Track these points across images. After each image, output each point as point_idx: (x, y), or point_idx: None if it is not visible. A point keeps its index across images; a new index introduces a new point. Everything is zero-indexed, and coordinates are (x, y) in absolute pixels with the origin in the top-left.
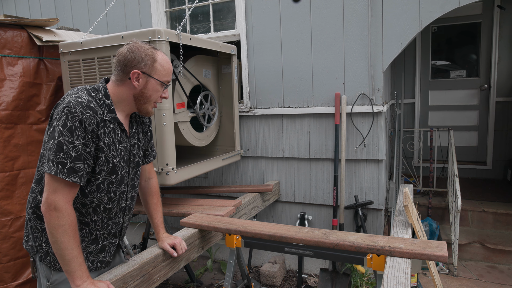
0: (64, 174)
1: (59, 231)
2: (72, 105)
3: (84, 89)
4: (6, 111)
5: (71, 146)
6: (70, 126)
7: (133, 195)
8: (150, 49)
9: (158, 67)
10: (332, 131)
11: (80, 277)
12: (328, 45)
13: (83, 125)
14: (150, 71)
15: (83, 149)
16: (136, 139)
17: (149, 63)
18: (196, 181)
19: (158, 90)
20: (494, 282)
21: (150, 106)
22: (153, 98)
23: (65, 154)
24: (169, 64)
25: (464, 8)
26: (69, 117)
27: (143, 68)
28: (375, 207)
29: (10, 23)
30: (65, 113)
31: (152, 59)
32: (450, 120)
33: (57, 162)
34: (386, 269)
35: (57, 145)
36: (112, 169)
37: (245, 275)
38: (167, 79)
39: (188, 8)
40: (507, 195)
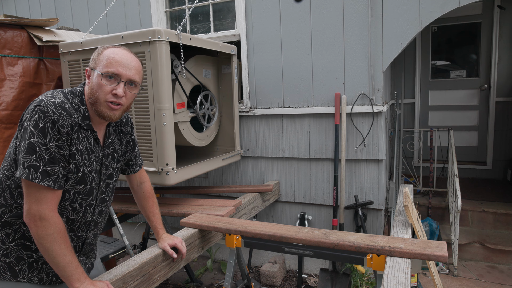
0: (37, 178)
1: (48, 240)
2: (44, 104)
3: (60, 91)
4: (6, 111)
5: (44, 148)
6: (42, 126)
7: (101, 210)
8: (105, 47)
9: (102, 58)
10: (332, 131)
11: (77, 279)
12: (328, 45)
13: (56, 126)
14: (95, 64)
15: (57, 151)
16: (112, 150)
17: (95, 57)
18: (196, 181)
19: (101, 84)
20: (494, 282)
21: (103, 107)
22: (100, 96)
23: (37, 157)
24: (117, 53)
25: (464, 8)
26: (41, 117)
27: (91, 64)
28: (375, 207)
29: (10, 23)
30: (36, 113)
31: (99, 53)
32: (450, 120)
33: (28, 166)
34: (386, 269)
35: (28, 147)
36: (81, 179)
37: (245, 275)
38: (111, 70)
39: (188, 8)
40: (507, 195)
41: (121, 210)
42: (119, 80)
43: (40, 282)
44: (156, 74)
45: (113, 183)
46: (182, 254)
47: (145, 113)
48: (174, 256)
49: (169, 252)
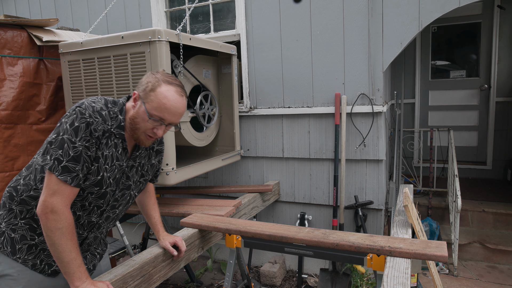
0: (57, 171)
1: (56, 234)
2: (84, 106)
3: (103, 99)
4: (6, 111)
5: (71, 146)
6: (77, 126)
7: (109, 216)
8: (160, 78)
9: (153, 97)
10: (332, 131)
11: (79, 278)
12: (328, 45)
13: (89, 128)
14: (145, 97)
15: (85, 152)
16: (137, 163)
17: (147, 89)
18: (196, 181)
19: (145, 120)
20: (494, 282)
21: (142, 135)
22: (141, 128)
23: (63, 152)
24: (169, 100)
25: (464, 8)
26: (78, 117)
27: (141, 92)
28: (375, 207)
29: (10, 23)
30: (75, 113)
31: (153, 87)
32: (450, 120)
33: (54, 158)
34: (386, 269)
35: (59, 142)
36: (99, 182)
37: (245, 275)
38: (159, 115)
39: (188, 8)
40: (507, 195)
41: None
42: (163, 123)
43: (32, 268)
44: None
45: (130, 194)
46: (181, 252)
47: None
48: (175, 254)
49: (170, 250)
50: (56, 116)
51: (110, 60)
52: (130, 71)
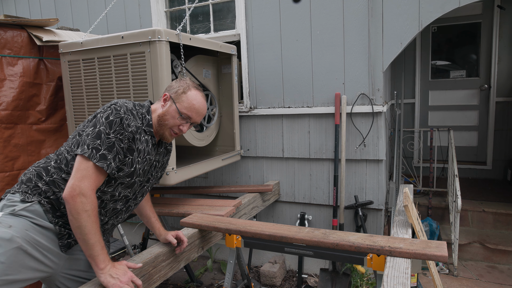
0: (95, 158)
1: (83, 216)
2: (119, 104)
3: (131, 102)
4: (6, 111)
5: (106, 137)
6: (111, 120)
7: (130, 205)
8: (189, 84)
9: (184, 98)
10: (332, 131)
11: (103, 260)
12: (328, 45)
13: (123, 122)
14: (176, 98)
15: (118, 144)
16: (159, 158)
17: (179, 92)
18: (196, 181)
19: (175, 117)
20: (494, 282)
21: (167, 131)
22: (169, 124)
23: (101, 142)
24: (197, 102)
25: (464, 8)
26: (113, 113)
27: (173, 94)
28: (375, 207)
29: (10, 23)
30: (110, 109)
31: (184, 90)
32: (450, 120)
33: (92, 147)
34: (386, 269)
35: (96, 133)
36: (131, 173)
37: (245, 275)
38: (188, 114)
39: (188, 8)
40: (507, 195)
41: None
42: (189, 121)
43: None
44: (156, 74)
45: (148, 187)
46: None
47: None
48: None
49: (174, 241)
50: (56, 116)
51: (110, 60)
52: (130, 71)
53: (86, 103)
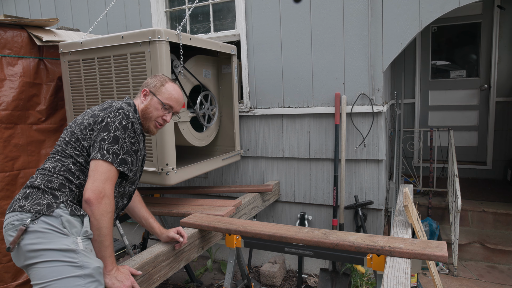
0: (117, 163)
1: (106, 217)
2: (125, 109)
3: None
4: (6, 111)
5: (123, 141)
6: (125, 125)
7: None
8: (165, 79)
9: (164, 90)
10: (332, 131)
11: (111, 262)
12: (328, 45)
13: (133, 127)
14: (156, 91)
15: (130, 147)
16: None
17: (158, 85)
18: (196, 181)
19: (158, 109)
20: (494, 282)
21: (152, 124)
22: (153, 116)
23: (119, 147)
24: (176, 92)
25: (464, 8)
26: (124, 118)
27: (152, 88)
28: (375, 207)
29: (10, 23)
30: (120, 114)
31: (161, 83)
32: (450, 120)
33: (112, 152)
34: (386, 269)
35: (113, 138)
36: (136, 171)
37: (245, 275)
38: (169, 103)
39: (188, 8)
40: (507, 195)
41: None
42: (171, 111)
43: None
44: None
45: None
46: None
47: None
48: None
49: (176, 237)
50: (56, 116)
51: (110, 60)
52: (130, 71)
53: (86, 103)
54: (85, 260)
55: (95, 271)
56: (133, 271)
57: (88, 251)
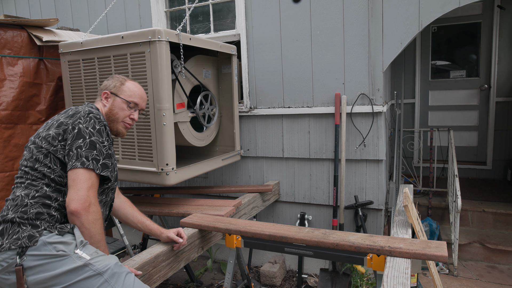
0: (98, 169)
1: (97, 225)
2: (95, 112)
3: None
4: (6, 111)
5: (102, 145)
6: (99, 128)
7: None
8: (124, 78)
9: (125, 88)
10: (332, 131)
11: None
12: (328, 45)
13: (106, 129)
14: (117, 91)
15: (109, 151)
16: None
17: (117, 85)
18: (196, 181)
19: (124, 109)
20: (494, 282)
21: (120, 125)
22: (120, 117)
23: (98, 152)
24: (137, 88)
25: (464, 8)
26: (97, 122)
27: (112, 89)
28: (375, 207)
29: (10, 23)
30: (91, 118)
31: (121, 83)
32: (450, 120)
33: (92, 159)
34: (386, 269)
35: (90, 144)
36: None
37: (245, 275)
38: (134, 100)
39: (188, 8)
40: (507, 195)
41: None
42: (137, 108)
43: None
44: (156, 74)
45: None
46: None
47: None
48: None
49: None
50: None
51: (110, 60)
52: (130, 71)
53: None
54: (100, 265)
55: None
56: (132, 271)
57: (95, 255)
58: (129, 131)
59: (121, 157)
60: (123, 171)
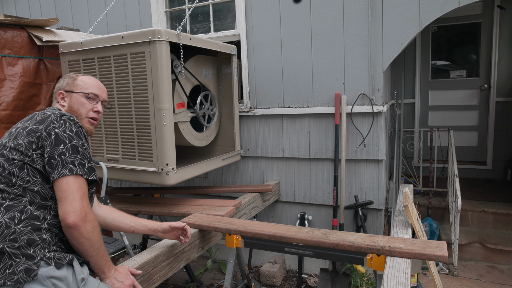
0: (86, 174)
1: (95, 232)
2: (67, 114)
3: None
4: (6, 111)
5: (83, 149)
6: (76, 130)
7: None
8: (75, 74)
9: (79, 83)
10: (332, 131)
11: (109, 267)
12: (328, 45)
13: (83, 131)
14: (71, 88)
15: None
16: None
17: (70, 83)
18: (196, 181)
19: (84, 103)
20: (494, 282)
21: (85, 122)
22: (83, 112)
23: (82, 156)
24: (92, 80)
25: (464, 8)
26: (72, 124)
27: (66, 87)
28: (375, 207)
29: (10, 23)
30: (65, 121)
31: (73, 79)
32: (450, 120)
33: (78, 164)
34: (386, 269)
35: (72, 148)
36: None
37: (245, 275)
38: (92, 91)
39: (188, 8)
40: (507, 195)
41: (121, 210)
42: (98, 100)
43: None
44: (156, 74)
45: None
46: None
47: (145, 113)
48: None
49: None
50: None
51: (110, 60)
52: (130, 71)
53: None
54: None
55: None
56: (132, 270)
57: None
58: (129, 131)
59: (121, 157)
60: (123, 171)
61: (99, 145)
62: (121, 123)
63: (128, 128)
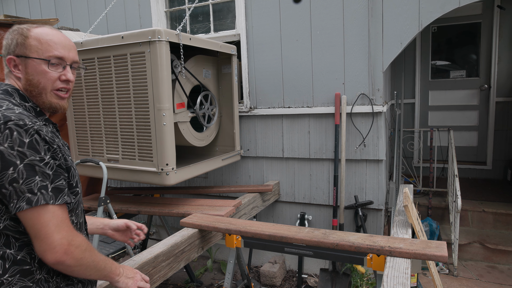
0: (52, 198)
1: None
2: (13, 118)
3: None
4: None
5: (42, 164)
6: (30, 141)
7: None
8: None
9: (33, 42)
10: (332, 131)
11: (116, 268)
12: (328, 45)
13: (41, 135)
14: (23, 51)
15: (54, 163)
16: None
17: (19, 42)
18: (196, 181)
19: (45, 72)
20: (494, 282)
21: (51, 96)
22: (46, 84)
23: (41, 176)
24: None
25: (464, 8)
26: (22, 132)
27: (16, 51)
28: (375, 207)
29: (10, 23)
30: (12, 130)
31: (23, 35)
32: (450, 120)
33: (38, 189)
34: (386, 269)
35: (25, 170)
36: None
37: (245, 275)
38: (55, 54)
39: (188, 8)
40: (507, 195)
41: (121, 210)
42: (65, 64)
43: None
44: (156, 74)
45: None
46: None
47: (145, 113)
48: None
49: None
50: (56, 116)
51: (110, 60)
52: (130, 71)
53: (86, 103)
54: None
55: None
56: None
57: None
58: (129, 131)
59: (121, 157)
60: (123, 171)
61: (99, 145)
62: (121, 123)
63: (128, 128)
